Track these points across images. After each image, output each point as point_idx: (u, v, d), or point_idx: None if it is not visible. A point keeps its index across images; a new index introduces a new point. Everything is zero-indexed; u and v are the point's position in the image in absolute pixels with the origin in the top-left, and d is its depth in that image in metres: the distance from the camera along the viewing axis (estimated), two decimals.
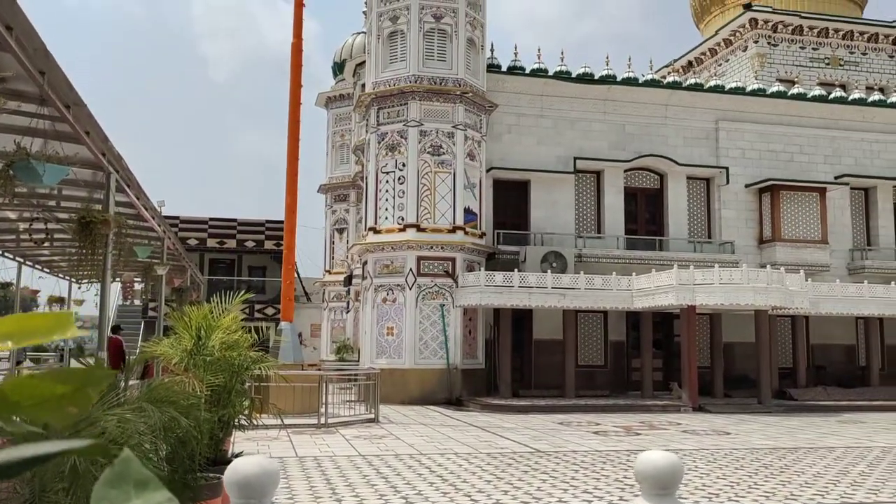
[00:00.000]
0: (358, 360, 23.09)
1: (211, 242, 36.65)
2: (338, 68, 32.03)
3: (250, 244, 36.89)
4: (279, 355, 14.99)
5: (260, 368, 6.81)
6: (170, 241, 12.69)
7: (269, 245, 36.26)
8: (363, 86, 24.18)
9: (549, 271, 19.94)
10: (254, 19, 71.08)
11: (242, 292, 6.82)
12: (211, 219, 36.90)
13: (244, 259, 38.52)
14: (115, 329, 18.04)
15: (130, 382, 5.89)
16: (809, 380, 22.27)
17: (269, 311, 34.02)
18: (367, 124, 22.19)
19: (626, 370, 22.58)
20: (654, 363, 21.34)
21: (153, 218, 10.26)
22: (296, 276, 33.43)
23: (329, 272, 31.81)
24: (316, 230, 34.31)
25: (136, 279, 16.11)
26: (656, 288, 19.01)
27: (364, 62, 24.20)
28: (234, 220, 37.10)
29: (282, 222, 20.42)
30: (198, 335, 6.15)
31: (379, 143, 21.05)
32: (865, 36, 30.80)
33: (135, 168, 8.39)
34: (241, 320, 6.82)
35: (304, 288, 36.19)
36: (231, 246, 36.95)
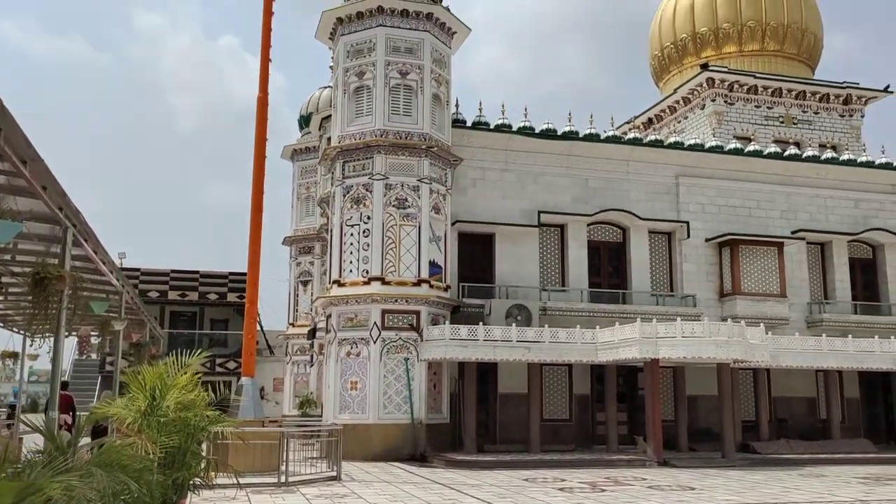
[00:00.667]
0: (321, 415, 22.68)
1: (172, 295, 36.12)
2: (304, 121, 32.22)
3: (213, 297, 36.41)
4: (239, 412, 14.68)
5: (217, 428, 6.65)
6: (128, 296, 12.47)
7: (231, 297, 35.83)
8: (329, 139, 24.31)
9: (513, 324, 19.94)
10: (222, 72, 71.53)
11: (199, 351, 6.69)
12: (173, 271, 36.42)
13: (206, 312, 37.98)
14: (64, 385, 17.55)
15: (81, 443, 5.70)
16: (772, 433, 22.38)
17: (231, 364, 33.47)
18: (332, 177, 22.24)
19: (591, 424, 22.50)
20: (619, 417, 21.32)
21: (111, 272, 10.08)
22: (259, 329, 32.99)
23: (293, 325, 31.44)
24: (280, 282, 34.07)
25: (92, 333, 15.73)
26: (620, 341, 19.10)
27: (330, 116, 24.38)
28: (197, 273, 36.65)
29: (245, 274, 20.20)
30: (152, 395, 6.00)
31: (344, 195, 21.08)
32: (817, 96, 31.91)
33: (96, 219, 8.28)
34: (202, 374, 6.69)
35: (267, 341, 35.70)
36: (193, 298, 36.43)
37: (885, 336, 21.84)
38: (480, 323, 19.80)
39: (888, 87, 32.39)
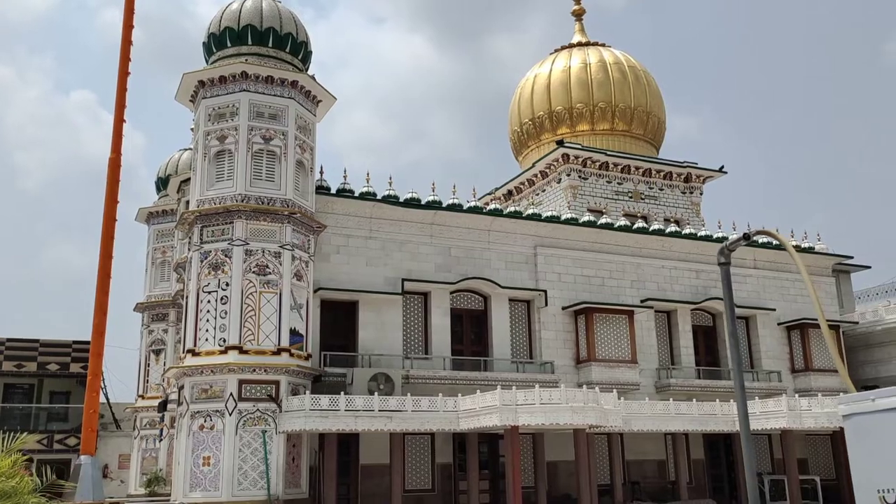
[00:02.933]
0: (170, 494, 21.29)
1: (7, 366, 33.23)
2: (161, 183, 31.10)
3: (54, 367, 33.79)
4: (76, 494, 13.54)
5: None
6: None
7: (75, 368, 33.38)
8: (187, 203, 23.56)
9: (376, 393, 19.70)
10: (74, 129, 68.11)
11: (25, 434, 6.13)
12: (8, 339, 33.59)
13: (46, 383, 35.12)
14: None
15: None
16: (626, 496, 23.07)
17: (72, 441, 30.97)
18: (189, 242, 21.47)
19: (453, 493, 22.36)
20: (482, 485, 21.32)
21: None
22: (105, 401, 30.85)
23: (143, 397, 29.61)
24: (130, 351, 32.11)
25: None
26: (481, 409, 19.25)
27: (189, 179, 23.68)
28: (37, 341, 33.99)
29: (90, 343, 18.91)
30: None
31: (202, 261, 20.35)
32: (661, 174, 34.27)
33: None
34: (38, 453, 6.13)
35: (113, 414, 33.43)
36: (31, 369, 33.67)
37: (725, 399, 23.25)
38: (342, 392, 19.43)
39: (722, 167, 35.30)
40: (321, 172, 22.91)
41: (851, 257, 31.95)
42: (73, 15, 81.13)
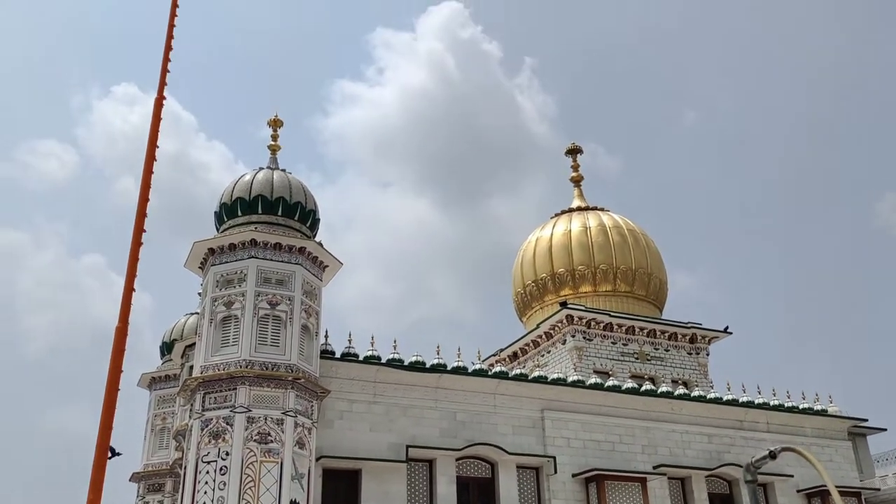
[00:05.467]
0: None
1: None
2: (166, 348, 31.04)
3: None
4: None
5: None
6: None
7: None
8: (191, 368, 23.38)
9: None
10: (83, 291, 69.62)
11: None
12: None
13: None
14: None
15: None
16: None
17: None
18: (191, 409, 21.10)
19: None
20: None
21: None
22: None
23: None
24: None
25: None
26: None
27: (194, 344, 23.64)
28: None
29: None
30: None
31: (202, 429, 19.90)
32: (666, 334, 34.23)
33: None
34: None
35: None
36: None
37: None
38: None
39: (727, 328, 35.32)
40: (326, 336, 22.88)
41: (866, 420, 31.19)
42: (90, 183, 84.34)
